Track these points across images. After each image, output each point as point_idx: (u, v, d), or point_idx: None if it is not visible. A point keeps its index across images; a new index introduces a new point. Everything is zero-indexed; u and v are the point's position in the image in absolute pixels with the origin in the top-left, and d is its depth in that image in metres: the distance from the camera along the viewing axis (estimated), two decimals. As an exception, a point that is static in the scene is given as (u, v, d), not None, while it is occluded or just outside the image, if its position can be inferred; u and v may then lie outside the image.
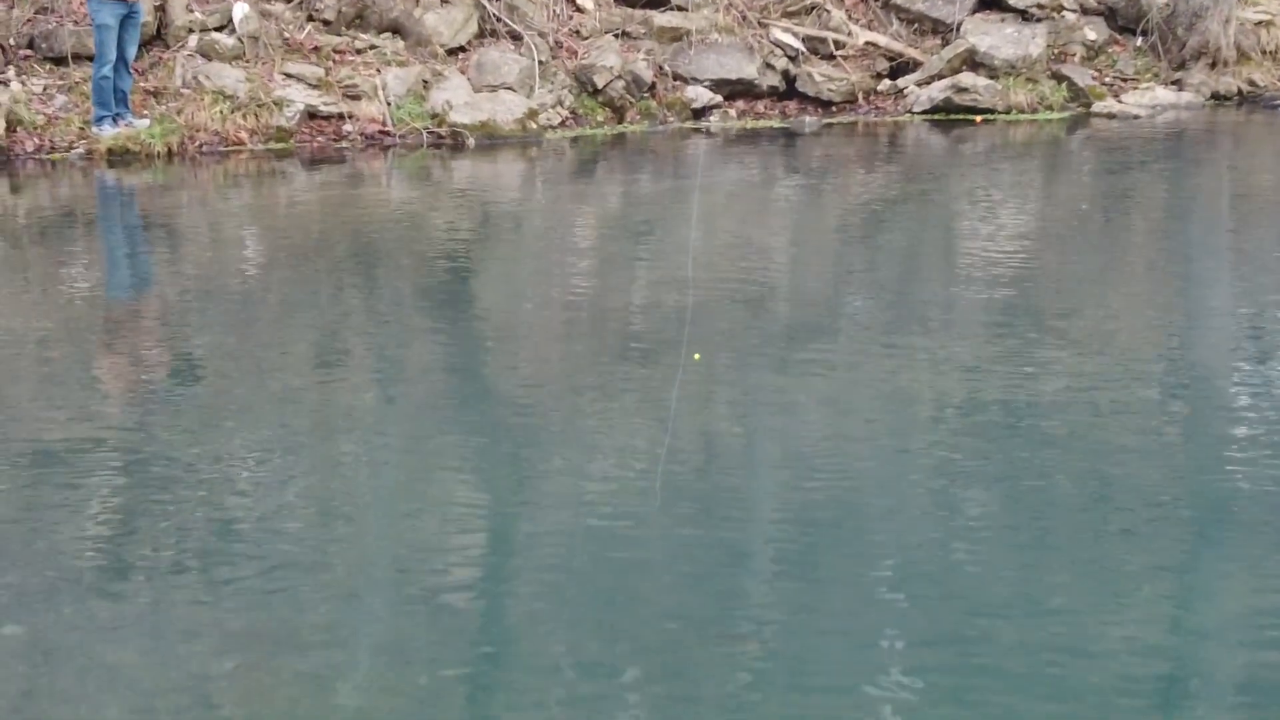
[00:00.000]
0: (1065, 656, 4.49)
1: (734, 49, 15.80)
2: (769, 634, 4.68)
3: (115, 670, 4.45)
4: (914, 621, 4.74)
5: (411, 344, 7.95)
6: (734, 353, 7.56)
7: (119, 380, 7.36)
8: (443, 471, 6.11)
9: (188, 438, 6.35)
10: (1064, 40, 16.66)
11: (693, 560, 5.20)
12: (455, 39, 15.15)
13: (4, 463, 6.06)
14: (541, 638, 4.68)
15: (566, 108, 15.05)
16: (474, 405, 6.97)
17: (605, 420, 6.58)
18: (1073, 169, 13.90)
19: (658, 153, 13.99)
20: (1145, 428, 6.47)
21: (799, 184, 13.03)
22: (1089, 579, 5.03)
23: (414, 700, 4.31)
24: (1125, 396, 6.87)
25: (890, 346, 7.64)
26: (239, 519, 5.52)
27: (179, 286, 9.35)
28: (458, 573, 5.19)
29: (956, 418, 6.60)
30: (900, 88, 16.09)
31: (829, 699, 4.30)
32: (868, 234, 10.88)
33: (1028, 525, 5.45)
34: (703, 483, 5.92)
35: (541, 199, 12.47)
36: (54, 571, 5.08)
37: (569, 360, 7.71)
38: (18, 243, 10.65)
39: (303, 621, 4.73)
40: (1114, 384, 7.03)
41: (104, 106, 13.22)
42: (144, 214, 11.83)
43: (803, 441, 6.32)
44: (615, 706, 4.29)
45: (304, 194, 12.41)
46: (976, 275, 9.21)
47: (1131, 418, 6.57)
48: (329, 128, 14.10)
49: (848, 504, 5.64)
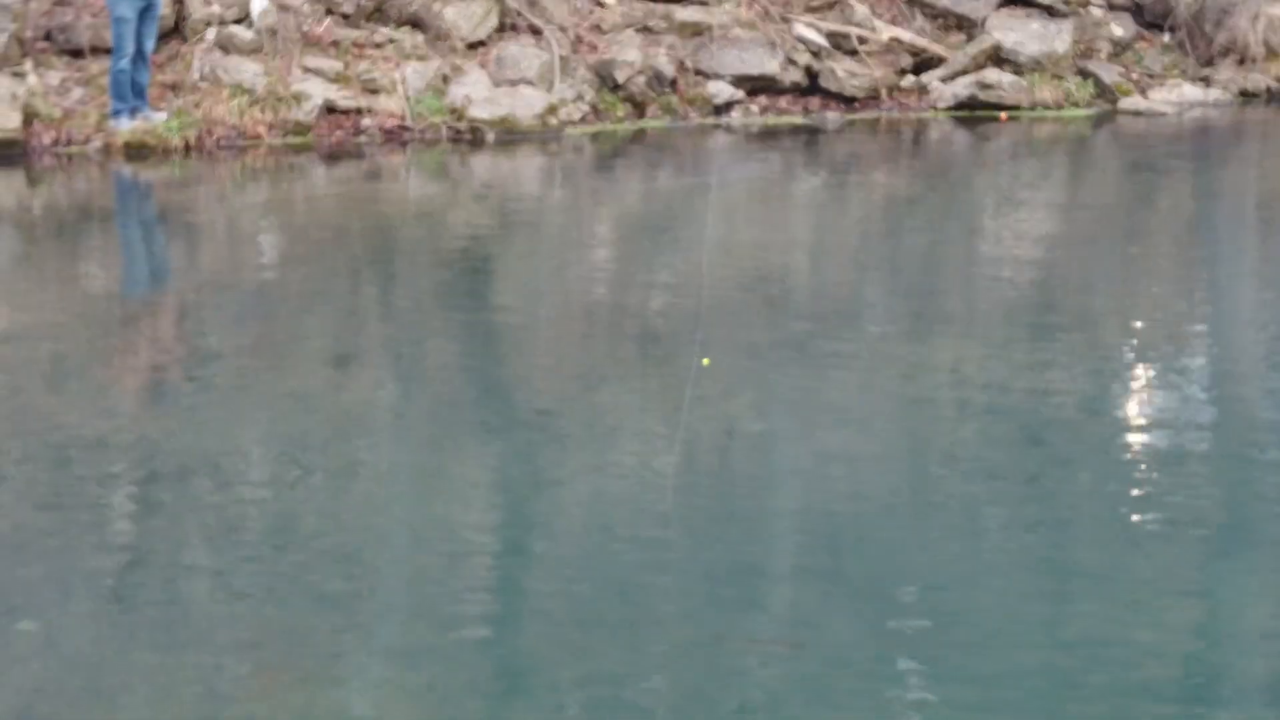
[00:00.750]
0: (1086, 663, 4.39)
1: (756, 44, 15.68)
2: (783, 634, 4.59)
3: (129, 668, 4.38)
4: (934, 627, 4.63)
5: (429, 340, 7.86)
6: (753, 351, 7.46)
7: (135, 376, 7.29)
8: (461, 470, 6.03)
9: (204, 434, 6.27)
10: (1090, 36, 16.52)
11: (710, 563, 5.11)
12: (475, 33, 15.05)
13: (19, 458, 5.98)
14: (559, 639, 4.60)
15: (587, 103, 14.95)
16: (492, 402, 6.88)
17: (624, 418, 6.48)
18: (1099, 166, 13.78)
19: (678, 149, 13.89)
20: (1171, 434, 6.34)
21: (821, 181, 12.93)
22: (1112, 588, 4.92)
23: (430, 702, 4.23)
24: (1151, 400, 6.76)
25: (913, 347, 7.55)
26: (255, 516, 5.46)
27: (196, 281, 9.27)
28: (475, 573, 5.11)
29: (976, 421, 6.49)
30: (924, 84, 15.95)
31: (849, 709, 4.20)
32: (890, 232, 10.78)
33: (1050, 537, 5.35)
34: (718, 486, 5.83)
35: (561, 195, 12.38)
36: (68, 568, 5.00)
37: (586, 357, 7.62)
38: (34, 237, 10.58)
39: (318, 621, 4.65)
40: (1141, 388, 6.92)
41: (121, 100, 13.13)
42: (161, 208, 11.76)
43: (820, 443, 6.22)
44: (631, 708, 4.19)
45: (322, 189, 12.33)
46: (1001, 275, 9.13)
47: (1158, 425, 6.45)
48: (347, 122, 14.00)
49: (867, 511, 5.54)
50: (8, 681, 4.31)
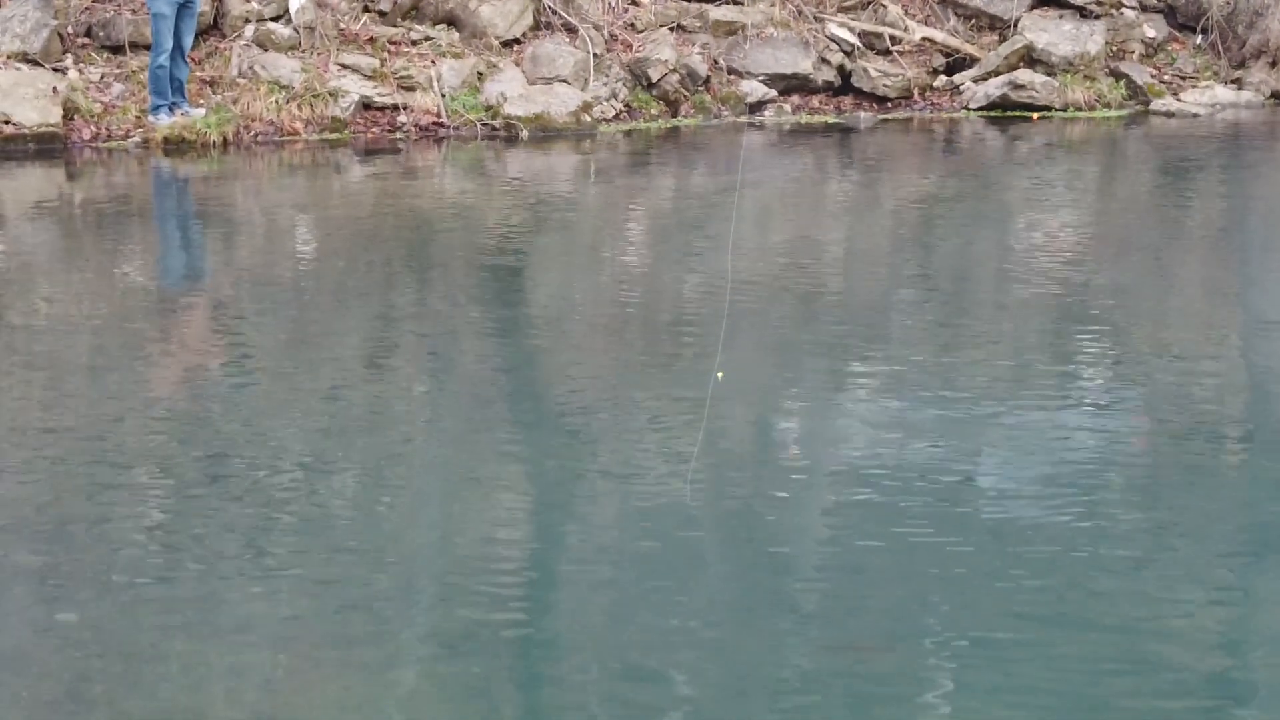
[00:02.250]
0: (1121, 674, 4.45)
1: (789, 43, 15.72)
2: (810, 632, 4.65)
3: (167, 657, 4.45)
4: (959, 628, 4.70)
5: (463, 337, 7.93)
6: (783, 350, 7.52)
7: (173, 368, 7.38)
8: (495, 464, 6.09)
9: (241, 428, 6.36)
10: (1123, 37, 16.51)
11: (740, 560, 5.17)
12: (510, 31, 15.13)
13: (58, 450, 6.07)
14: (592, 631, 4.66)
15: (620, 101, 15.02)
16: (525, 399, 6.95)
17: (656, 415, 6.54)
18: (1130, 168, 13.78)
19: (711, 147, 13.94)
20: (1208, 445, 6.38)
21: (854, 180, 12.97)
22: (1145, 597, 4.98)
23: (465, 691, 4.30)
24: (1189, 406, 6.79)
25: (943, 347, 7.59)
26: (292, 509, 5.52)
27: (233, 276, 9.37)
28: (509, 564, 5.17)
29: (1008, 424, 6.53)
30: (956, 84, 15.98)
31: (882, 703, 4.27)
32: (922, 233, 10.81)
33: (1088, 551, 5.38)
34: (749, 483, 5.89)
35: (595, 192, 12.45)
36: (107, 558, 5.09)
37: (618, 355, 7.68)
38: (74, 230, 10.70)
39: (354, 612, 4.73)
40: (1175, 395, 6.96)
41: (160, 95, 13.25)
42: (199, 203, 11.87)
43: (848, 443, 6.27)
44: (663, 699, 4.26)
45: (358, 185, 12.43)
46: (1033, 278, 9.13)
47: (1194, 435, 6.49)
48: (383, 119, 14.10)
49: (897, 512, 5.59)
50: (48, 671, 4.40)
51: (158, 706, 4.20)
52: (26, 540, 5.24)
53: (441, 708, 4.23)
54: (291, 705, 4.23)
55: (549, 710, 4.29)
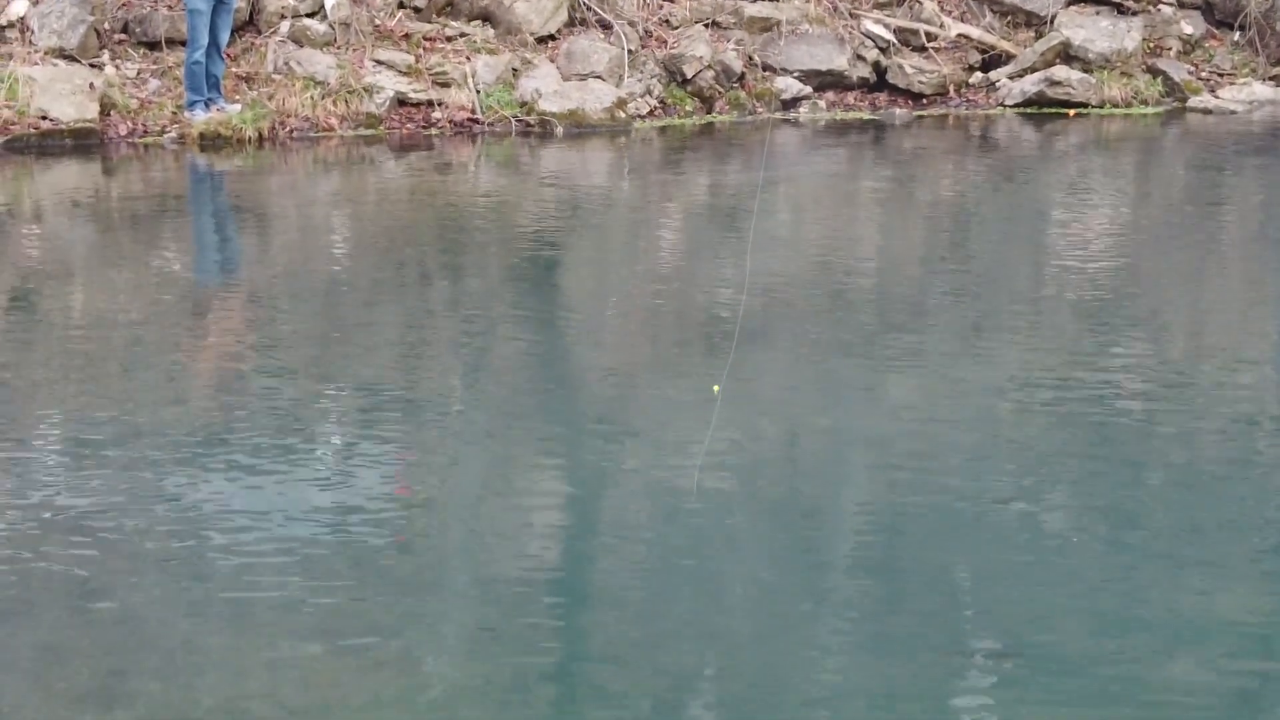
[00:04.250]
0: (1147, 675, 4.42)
1: (824, 40, 15.69)
2: (841, 630, 4.64)
3: (203, 650, 4.46)
4: (991, 627, 4.68)
5: (496, 331, 7.94)
6: (818, 346, 7.51)
7: (209, 361, 7.40)
8: (526, 459, 6.10)
9: (276, 418, 6.37)
10: (1160, 34, 16.43)
11: (774, 556, 5.16)
12: (545, 27, 15.13)
13: (94, 443, 6.10)
14: (624, 625, 4.66)
15: (655, 97, 15.01)
16: (558, 393, 6.95)
17: (689, 411, 6.53)
18: (1169, 165, 13.72)
19: (746, 144, 13.92)
20: (1244, 435, 6.35)
21: (889, 177, 12.93)
22: (1178, 599, 4.95)
23: (499, 687, 4.30)
24: (1221, 403, 6.76)
25: (977, 345, 7.56)
26: (327, 500, 5.53)
27: (269, 271, 9.40)
28: (542, 558, 5.18)
29: (1043, 422, 6.51)
30: (992, 80, 15.92)
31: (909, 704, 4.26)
32: (959, 230, 10.77)
33: (1120, 546, 5.36)
34: (784, 479, 5.88)
35: (629, 188, 12.44)
36: (144, 550, 5.11)
37: (651, 350, 7.67)
38: (111, 225, 10.74)
39: (390, 607, 4.73)
40: (1208, 392, 6.92)
41: (196, 91, 13.30)
42: (235, 198, 11.91)
43: (882, 440, 6.25)
44: (697, 695, 4.26)
45: (393, 180, 12.45)
46: (1070, 274, 9.10)
47: (1231, 427, 6.46)
48: (418, 115, 14.13)
49: (928, 511, 5.58)
50: (86, 663, 4.41)
51: (194, 699, 4.21)
52: (64, 532, 5.25)
53: (477, 702, 4.23)
54: (327, 699, 4.23)
55: (583, 705, 4.29)
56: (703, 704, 4.25)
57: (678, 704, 4.24)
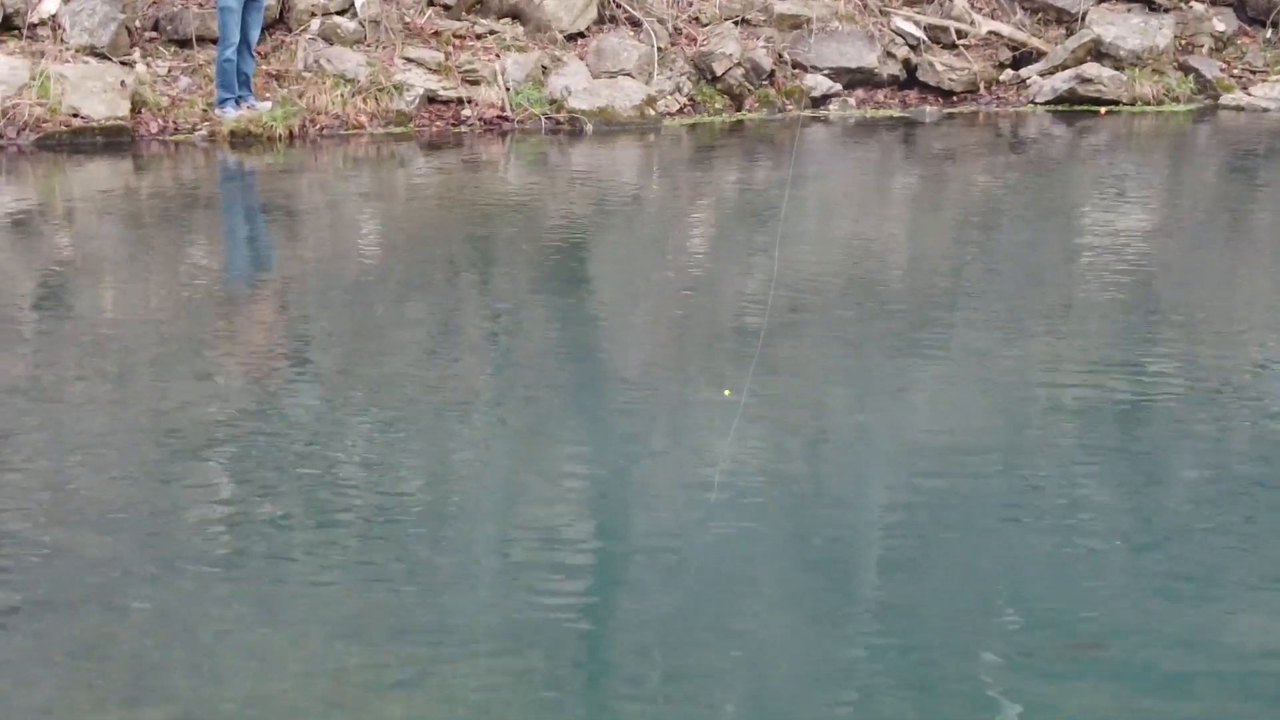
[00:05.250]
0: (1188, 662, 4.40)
1: (854, 37, 15.66)
2: (870, 627, 4.63)
3: (236, 646, 4.47)
4: (1023, 623, 4.66)
5: (526, 328, 7.94)
6: (849, 342, 7.49)
7: (240, 358, 7.41)
8: (557, 457, 6.08)
9: (306, 418, 6.38)
10: (1191, 31, 16.36)
11: (803, 552, 5.15)
12: (575, 25, 15.13)
13: (127, 441, 6.11)
14: (654, 625, 4.65)
15: (685, 95, 15.00)
16: (588, 390, 6.94)
17: (718, 406, 6.52)
18: (1200, 163, 13.65)
19: (775, 142, 13.90)
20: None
21: (919, 174, 12.90)
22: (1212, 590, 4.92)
23: (532, 683, 4.29)
24: (1251, 397, 6.72)
25: (1007, 342, 7.53)
26: (357, 500, 5.53)
27: (299, 268, 9.41)
28: (573, 558, 5.17)
29: (1075, 419, 6.48)
30: (1023, 78, 15.88)
31: (944, 699, 4.24)
32: (989, 227, 10.73)
33: (1149, 541, 5.33)
34: (814, 475, 5.87)
35: (658, 186, 12.43)
36: (177, 547, 5.11)
37: (680, 345, 7.66)
38: (142, 222, 10.76)
39: (422, 602, 4.73)
40: (1237, 385, 6.88)
41: (227, 89, 13.34)
42: (265, 196, 11.93)
43: (911, 439, 6.24)
44: (727, 688, 4.25)
45: (423, 178, 12.46)
46: (1104, 272, 9.06)
47: (1261, 419, 6.42)
48: (448, 112, 14.14)
49: (957, 509, 5.56)
50: (120, 658, 4.42)
51: (226, 695, 4.21)
52: (97, 529, 5.26)
53: (508, 699, 4.22)
54: (358, 694, 4.23)
55: (613, 702, 4.28)
56: (732, 702, 4.24)
57: (709, 702, 4.23)
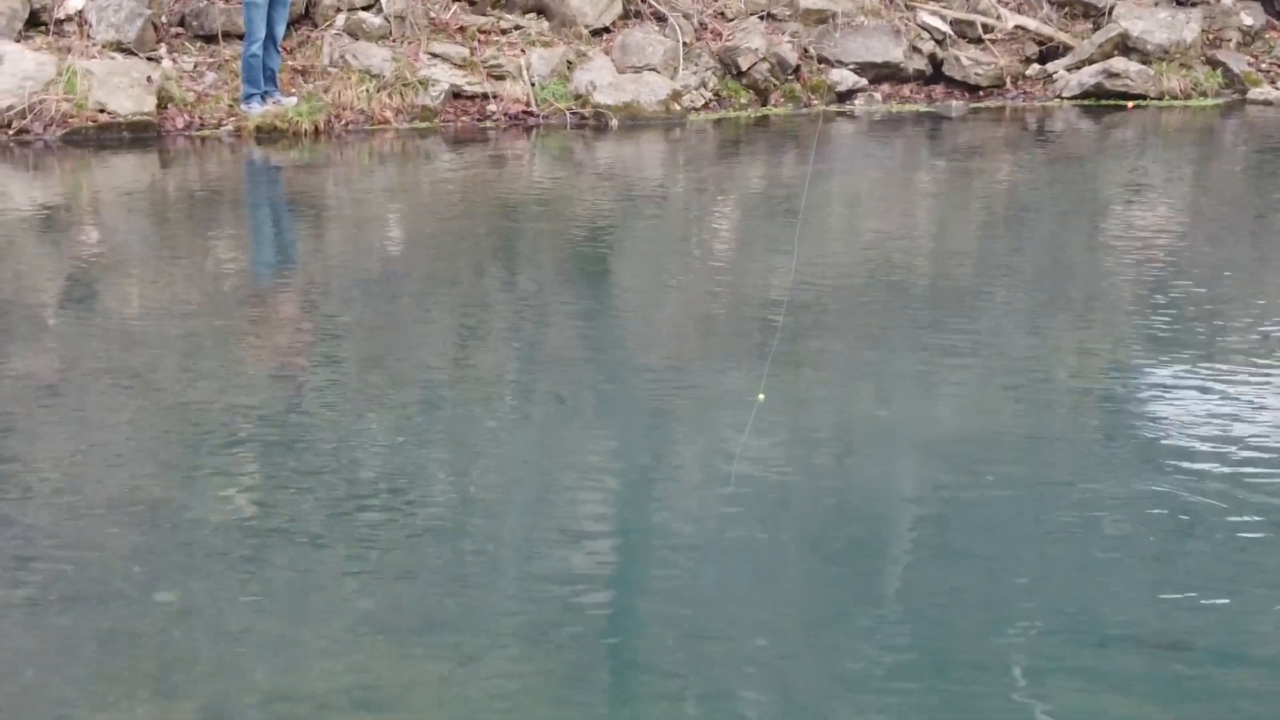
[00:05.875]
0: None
1: (880, 32, 15.64)
2: (898, 621, 4.61)
3: (262, 639, 4.47)
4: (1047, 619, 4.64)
5: (552, 323, 7.93)
6: (870, 337, 7.47)
7: (264, 354, 7.42)
8: (583, 451, 6.07)
9: (331, 412, 6.38)
10: (1219, 25, 16.31)
11: (827, 545, 5.14)
12: (600, 20, 15.13)
13: (154, 435, 6.12)
14: (680, 618, 4.63)
15: (710, 90, 14.99)
16: (614, 385, 6.93)
17: (745, 402, 6.50)
18: (1229, 157, 13.59)
19: (801, 136, 13.88)
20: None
21: (946, 169, 12.86)
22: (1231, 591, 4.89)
23: (557, 677, 4.28)
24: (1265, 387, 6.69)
25: (1034, 336, 7.50)
26: (381, 493, 5.53)
27: (324, 263, 9.42)
28: (599, 549, 5.16)
29: (1099, 414, 6.45)
30: (1050, 72, 15.84)
31: (971, 693, 4.22)
32: (1015, 222, 10.70)
33: (1170, 540, 5.30)
34: (839, 471, 5.85)
35: (683, 181, 12.42)
36: (203, 540, 5.12)
37: (706, 341, 7.65)
38: (168, 217, 10.79)
39: (446, 596, 4.73)
40: (1266, 378, 6.85)
41: (253, 84, 13.37)
42: (291, 191, 11.94)
43: (937, 434, 6.22)
44: (750, 684, 4.24)
45: (448, 173, 12.46)
46: (1131, 268, 9.02)
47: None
48: (473, 107, 14.16)
49: (984, 502, 5.54)
50: (146, 651, 4.43)
51: (252, 688, 4.21)
52: (124, 522, 5.27)
53: (533, 692, 4.22)
54: (386, 686, 4.23)
55: (639, 695, 4.27)
56: (756, 695, 4.23)
57: (734, 696, 4.22)
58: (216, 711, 4.11)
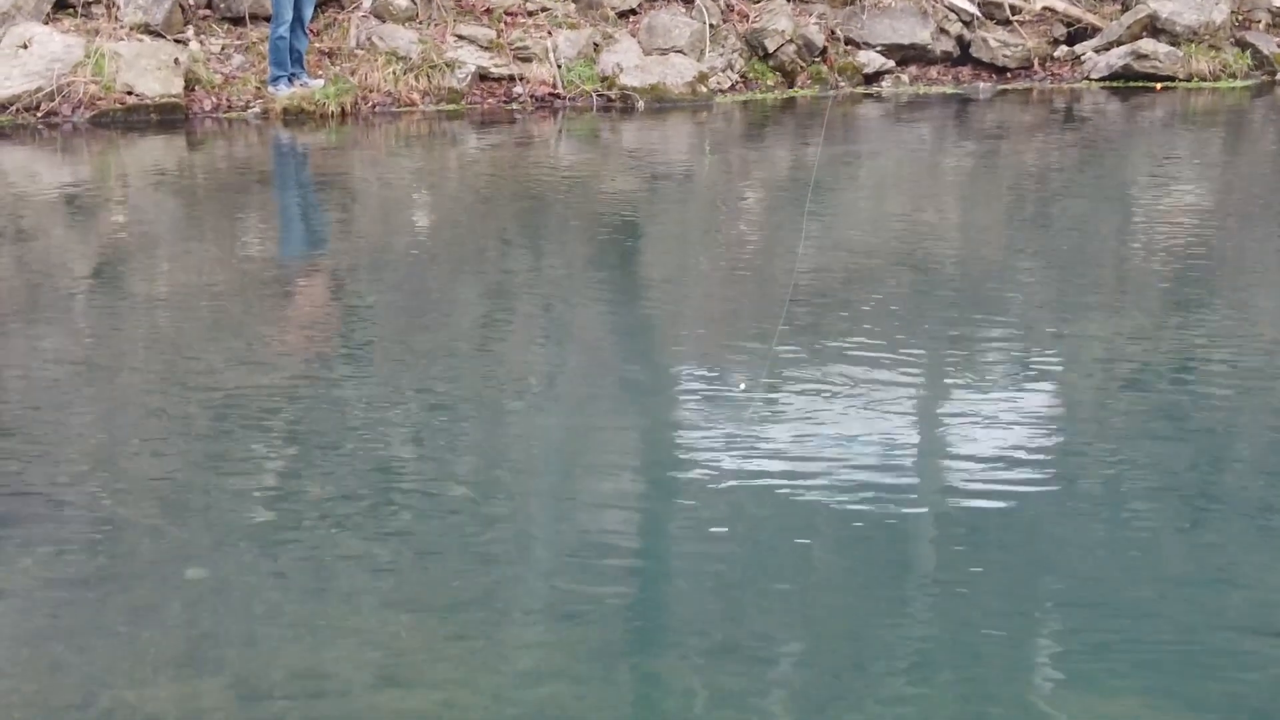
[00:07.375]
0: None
1: (907, 13, 15.59)
2: (921, 620, 4.61)
3: (289, 618, 4.48)
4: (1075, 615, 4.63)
5: (577, 304, 7.92)
6: (897, 323, 7.46)
7: (292, 335, 7.43)
8: (606, 431, 6.07)
9: (358, 393, 6.39)
10: (1249, 6, 16.22)
11: (858, 530, 5.13)
12: (626, 2, 15.12)
13: (182, 415, 6.14)
14: (705, 597, 4.64)
15: (736, 72, 14.97)
16: (638, 366, 6.93)
17: (770, 387, 6.50)
18: (1259, 140, 13.52)
19: (827, 118, 13.83)
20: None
21: (973, 151, 12.82)
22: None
23: (585, 656, 4.29)
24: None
25: (1061, 322, 7.48)
26: (407, 474, 5.55)
27: (352, 244, 9.44)
28: (624, 532, 5.16)
29: (1127, 405, 6.43)
30: (1078, 54, 15.77)
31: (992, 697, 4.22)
32: (1043, 205, 10.66)
33: (1197, 534, 5.29)
34: (864, 457, 5.84)
35: (710, 164, 12.40)
36: (231, 520, 5.14)
37: (733, 322, 7.64)
38: (196, 199, 10.81)
39: (474, 578, 4.73)
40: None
41: (280, 66, 13.39)
42: (318, 173, 11.96)
43: (956, 426, 6.21)
44: (777, 672, 4.24)
45: (475, 155, 12.47)
46: (1162, 253, 8.99)
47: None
48: (499, 89, 14.16)
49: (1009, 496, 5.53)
50: (175, 628, 4.44)
51: (279, 665, 4.23)
52: (153, 501, 5.29)
53: (558, 672, 4.22)
54: (410, 666, 4.24)
55: (664, 673, 4.27)
56: (785, 676, 4.23)
57: (763, 676, 4.22)
58: (245, 688, 4.13)
